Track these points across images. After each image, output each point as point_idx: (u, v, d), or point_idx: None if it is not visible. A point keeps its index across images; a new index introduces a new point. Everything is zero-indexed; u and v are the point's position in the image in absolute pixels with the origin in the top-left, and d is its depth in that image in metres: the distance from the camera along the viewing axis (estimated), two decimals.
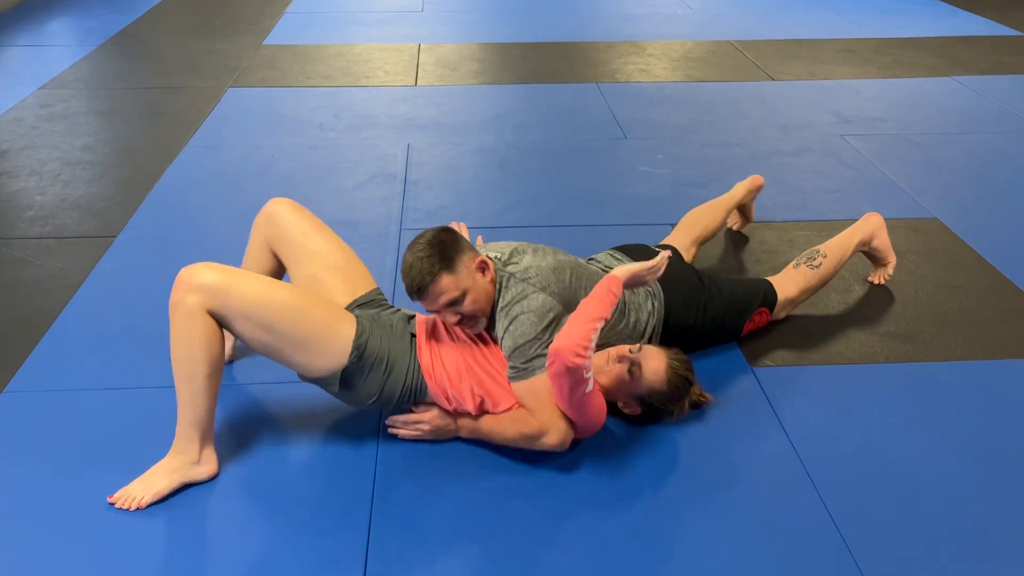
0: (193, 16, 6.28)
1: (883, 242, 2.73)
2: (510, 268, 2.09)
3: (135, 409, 2.19)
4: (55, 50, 5.39)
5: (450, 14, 6.33)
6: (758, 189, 3.03)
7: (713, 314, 2.38)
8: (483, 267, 2.04)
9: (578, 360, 1.86)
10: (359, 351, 1.97)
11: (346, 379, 1.98)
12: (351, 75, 4.90)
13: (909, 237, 3.11)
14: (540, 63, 5.16)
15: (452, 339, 2.10)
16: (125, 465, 2.01)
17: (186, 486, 1.95)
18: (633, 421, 2.16)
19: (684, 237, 2.73)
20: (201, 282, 1.87)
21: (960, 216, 3.26)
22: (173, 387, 1.96)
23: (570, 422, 1.99)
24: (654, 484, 1.99)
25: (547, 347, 1.97)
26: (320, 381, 2.01)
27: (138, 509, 1.89)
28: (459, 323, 2.04)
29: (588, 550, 1.81)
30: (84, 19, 6.14)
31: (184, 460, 1.95)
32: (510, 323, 2.01)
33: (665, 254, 2.11)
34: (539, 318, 2.00)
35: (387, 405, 2.06)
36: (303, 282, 2.17)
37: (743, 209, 3.09)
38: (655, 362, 2.06)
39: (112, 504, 1.90)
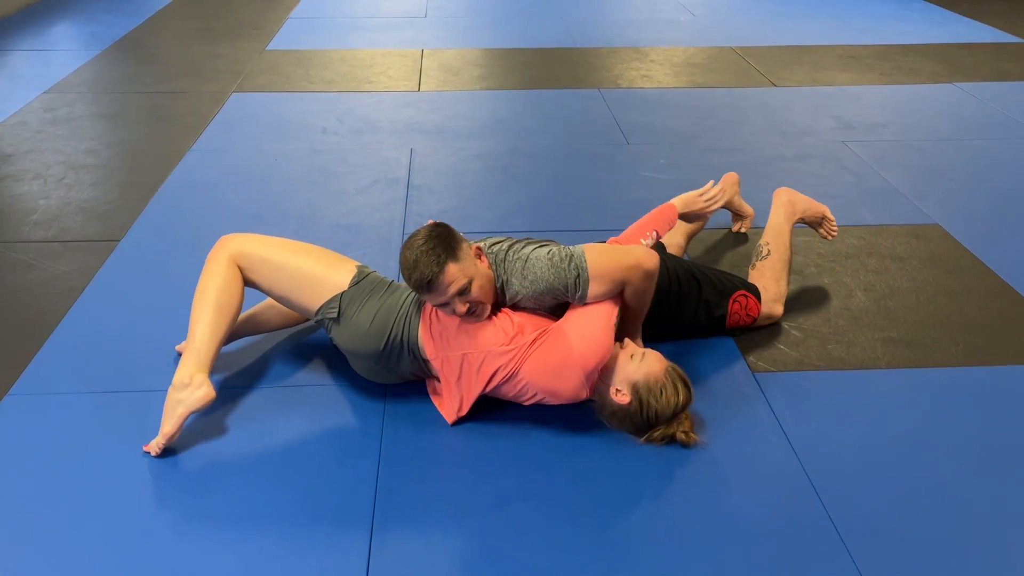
0: (197, 21, 6.30)
1: (805, 205, 2.81)
2: (501, 247, 2.18)
3: (139, 413, 2.20)
4: (59, 54, 5.41)
5: (453, 20, 6.35)
6: (735, 184, 3.07)
7: (687, 279, 2.44)
8: (479, 254, 2.13)
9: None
10: (361, 275, 2.21)
11: (344, 306, 2.16)
12: (354, 80, 4.91)
13: (910, 243, 3.12)
14: (543, 68, 5.18)
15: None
16: (128, 467, 2.02)
17: (189, 416, 2.07)
18: (620, 426, 2.13)
19: (672, 233, 2.84)
20: (233, 241, 2.23)
21: (961, 222, 3.27)
22: None
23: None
24: (656, 488, 1.99)
25: (569, 273, 2.08)
26: (323, 309, 2.17)
27: (162, 454, 2.06)
28: (467, 313, 2.07)
29: (590, 553, 1.81)
30: (88, 23, 6.16)
31: (177, 394, 2.06)
32: (527, 280, 2.10)
33: (711, 183, 2.39)
34: (549, 261, 2.10)
35: (380, 333, 2.14)
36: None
37: (734, 208, 3.13)
38: (656, 361, 2.10)
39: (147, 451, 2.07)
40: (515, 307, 2.18)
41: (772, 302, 2.57)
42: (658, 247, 2.68)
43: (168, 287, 2.75)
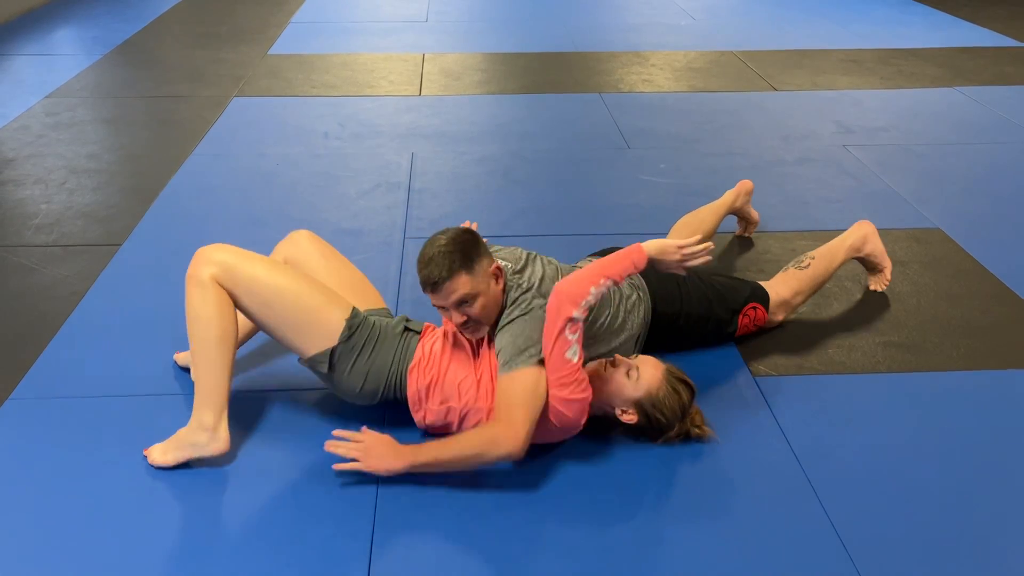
0: (198, 26, 6.31)
1: (876, 247, 2.75)
2: (517, 278, 2.13)
3: (139, 416, 2.20)
4: (61, 59, 5.42)
5: (454, 24, 6.36)
6: (748, 193, 3.07)
7: (699, 298, 2.41)
8: (497, 274, 2.06)
9: (571, 308, 1.92)
10: (350, 330, 2.05)
11: (335, 361, 2.05)
12: (356, 84, 4.92)
13: (911, 247, 3.12)
14: (543, 73, 5.19)
15: (469, 353, 2.10)
16: (130, 471, 2.03)
17: (194, 460, 2.03)
18: (631, 431, 2.13)
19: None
20: (214, 258, 2.02)
21: (962, 226, 3.27)
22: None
23: (530, 433, 1.94)
24: (656, 493, 1.99)
25: (540, 347, 1.98)
26: (312, 361, 2.07)
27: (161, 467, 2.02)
28: (463, 325, 2.05)
29: (590, 559, 1.81)
30: (90, 28, 6.18)
31: (196, 435, 2.00)
32: (509, 322, 2.04)
33: (698, 238, 2.11)
34: (539, 323, 2.01)
35: (372, 395, 2.10)
36: None
37: (743, 214, 3.12)
38: (652, 368, 2.07)
39: (145, 456, 2.04)
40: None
41: (780, 308, 2.55)
42: None
43: (170, 291, 2.75)
